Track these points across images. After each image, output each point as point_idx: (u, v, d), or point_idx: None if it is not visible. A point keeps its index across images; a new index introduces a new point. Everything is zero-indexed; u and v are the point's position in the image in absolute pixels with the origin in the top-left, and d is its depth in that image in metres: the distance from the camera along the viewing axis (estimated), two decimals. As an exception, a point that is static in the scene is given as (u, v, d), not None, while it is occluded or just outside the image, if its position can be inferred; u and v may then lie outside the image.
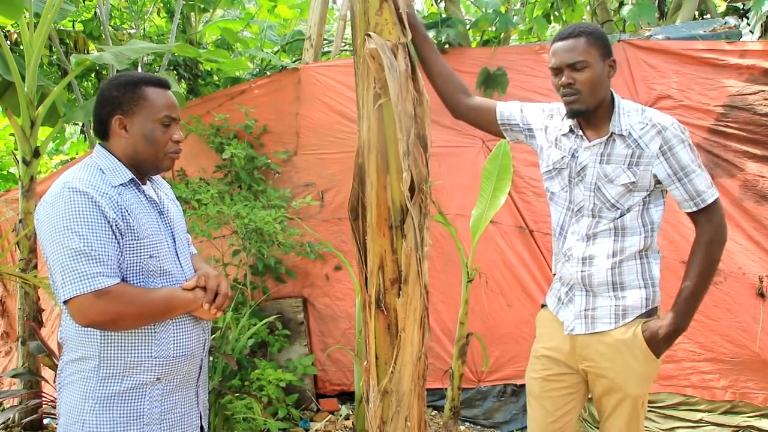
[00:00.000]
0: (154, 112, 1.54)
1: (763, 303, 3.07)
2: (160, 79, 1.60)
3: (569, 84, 1.76)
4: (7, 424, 3.47)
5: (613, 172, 1.79)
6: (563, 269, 1.93)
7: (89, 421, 1.44)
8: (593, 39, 1.76)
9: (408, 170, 1.64)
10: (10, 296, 4.37)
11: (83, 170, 1.49)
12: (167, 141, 1.56)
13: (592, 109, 1.78)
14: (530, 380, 2.04)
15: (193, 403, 1.62)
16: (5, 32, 4.90)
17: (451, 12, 4.28)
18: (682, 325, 1.79)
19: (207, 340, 1.66)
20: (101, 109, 1.55)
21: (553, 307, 1.99)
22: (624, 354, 1.81)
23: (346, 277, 3.77)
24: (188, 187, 3.65)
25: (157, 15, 6.31)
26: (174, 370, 1.53)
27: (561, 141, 1.91)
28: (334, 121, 3.79)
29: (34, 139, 3.51)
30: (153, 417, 1.49)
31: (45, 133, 4.94)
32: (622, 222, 1.81)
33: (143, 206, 1.54)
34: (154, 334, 1.49)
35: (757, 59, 3.10)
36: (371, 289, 1.74)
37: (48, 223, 1.41)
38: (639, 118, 1.79)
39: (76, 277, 1.36)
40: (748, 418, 3.05)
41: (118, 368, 1.46)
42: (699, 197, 1.76)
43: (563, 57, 1.77)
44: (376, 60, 1.65)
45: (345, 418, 3.63)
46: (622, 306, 1.82)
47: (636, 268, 1.83)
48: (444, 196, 3.50)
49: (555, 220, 1.97)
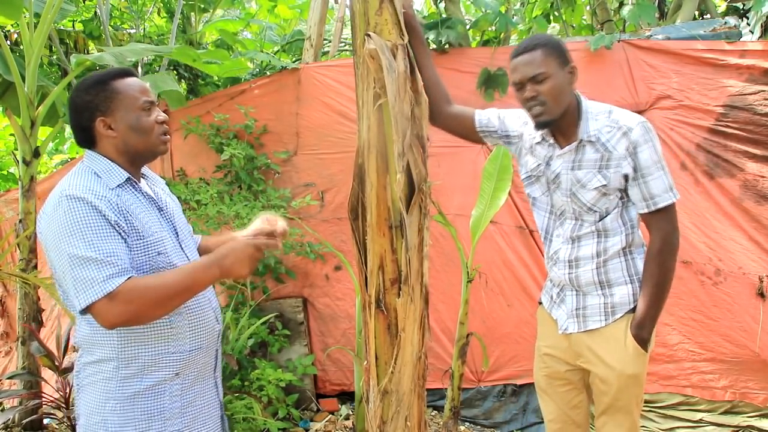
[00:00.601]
0: (132, 102, 1.52)
1: (763, 303, 3.07)
2: (124, 69, 1.59)
3: (533, 97, 1.79)
4: (7, 424, 3.47)
5: (584, 177, 1.83)
6: (552, 271, 1.98)
7: (111, 420, 1.44)
8: (549, 49, 1.79)
9: (402, 171, 1.64)
10: (10, 296, 4.37)
11: (78, 176, 1.47)
12: (153, 124, 1.55)
13: (558, 118, 1.82)
14: (537, 377, 2.10)
15: (212, 394, 1.63)
16: (5, 32, 4.90)
17: (451, 12, 4.27)
18: (645, 336, 1.82)
19: (220, 330, 1.67)
20: (79, 117, 1.53)
21: (547, 305, 2.04)
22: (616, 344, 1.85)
23: (346, 277, 3.77)
24: (188, 187, 3.65)
25: (157, 15, 6.31)
26: (191, 363, 1.54)
27: (535, 149, 1.96)
28: (334, 121, 3.79)
29: (34, 139, 3.51)
30: (174, 412, 1.50)
31: (45, 133, 4.94)
32: (604, 224, 1.85)
33: (143, 205, 1.53)
34: (170, 330, 1.49)
35: (757, 59, 3.10)
36: (371, 289, 1.74)
37: (51, 234, 1.40)
38: (606, 122, 1.82)
39: (87, 284, 1.34)
40: (748, 418, 3.05)
41: (138, 368, 1.46)
42: (651, 199, 1.79)
43: (523, 71, 1.80)
44: (375, 60, 1.65)
45: (345, 418, 3.63)
46: (610, 303, 1.86)
47: (621, 265, 1.87)
48: (444, 196, 3.50)
49: (540, 224, 2.01)
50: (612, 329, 1.85)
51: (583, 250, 1.87)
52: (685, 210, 3.20)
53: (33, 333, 3.35)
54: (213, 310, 1.64)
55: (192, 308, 1.55)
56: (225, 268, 1.48)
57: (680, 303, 3.18)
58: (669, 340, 3.19)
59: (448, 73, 3.64)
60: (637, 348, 1.81)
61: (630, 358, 1.82)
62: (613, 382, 1.84)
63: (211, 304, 1.64)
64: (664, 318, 3.19)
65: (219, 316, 1.67)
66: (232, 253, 1.50)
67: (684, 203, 3.21)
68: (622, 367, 1.82)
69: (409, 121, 1.67)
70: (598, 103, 1.89)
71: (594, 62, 3.40)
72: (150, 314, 1.41)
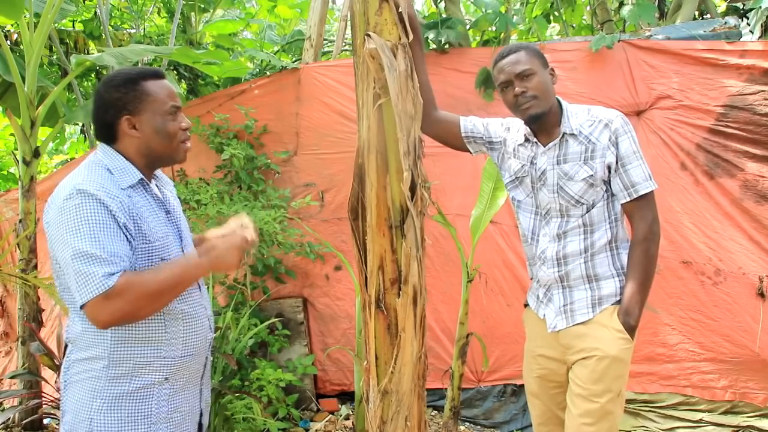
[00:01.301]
0: (160, 106, 1.52)
1: (763, 303, 3.07)
2: (155, 70, 1.59)
3: (522, 93, 1.86)
4: (7, 424, 3.47)
5: (571, 170, 1.88)
6: (540, 272, 1.99)
7: (97, 419, 1.44)
8: (531, 51, 1.91)
9: (409, 170, 1.64)
10: (10, 296, 4.37)
11: (91, 171, 1.46)
12: (178, 130, 1.55)
13: (547, 111, 1.88)
14: (528, 379, 2.09)
15: (195, 401, 1.63)
16: (5, 32, 4.90)
17: (451, 12, 4.28)
18: (632, 323, 1.83)
19: (211, 339, 1.66)
20: (104, 113, 1.52)
21: (533, 305, 2.06)
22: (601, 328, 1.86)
23: (346, 277, 3.77)
24: (187, 187, 3.65)
25: (157, 15, 6.31)
26: (182, 369, 1.54)
27: (519, 151, 2.01)
28: (334, 121, 3.79)
29: (34, 139, 3.51)
30: (160, 416, 1.49)
31: (45, 133, 4.94)
32: (590, 217, 1.89)
33: (152, 208, 1.53)
34: (165, 334, 1.49)
35: (757, 59, 3.10)
36: (371, 289, 1.74)
37: (59, 225, 1.39)
38: (586, 117, 1.91)
39: (87, 280, 1.34)
40: (748, 418, 3.05)
41: (128, 368, 1.46)
42: (633, 188, 1.84)
43: (510, 69, 1.88)
44: (375, 60, 1.65)
45: (345, 418, 3.63)
46: (597, 296, 1.90)
47: (607, 259, 1.90)
48: (444, 196, 3.50)
49: (525, 227, 2.03)
50: (597, 317, 1.88)
51: (570, 246, 1.90)
52: (685, 210, 3.20)
53: (33, 332, 3.35)
54: (207, 318, 1.63)
55: (188, 314, 1.55)
56: (213, 261, 1.50)
57: (680, 303, 3.18)
58: (669, 340, 3.19)
59: (448, 73, 3.64)
60: (622, 332, 1.82)
61: (614, 340, 1.83)
62: (596, 367, 1.82)
63: (206, 312, 1.63)
64: (664, 318, 3.19)
65: (212, 324, 1.67)
66: (220, 244, 1.52)
67: (684, 203, 3.22)
68: (606, 348, 1.82)
69: (412, 119, 1.68)
70: (575, 105, 1.97)
71: (594, 62, 3.40)
72: (142, 310, 1.41)
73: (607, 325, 1.85)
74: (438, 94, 2.11)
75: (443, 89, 3.44)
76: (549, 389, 2.03)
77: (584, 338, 1.87)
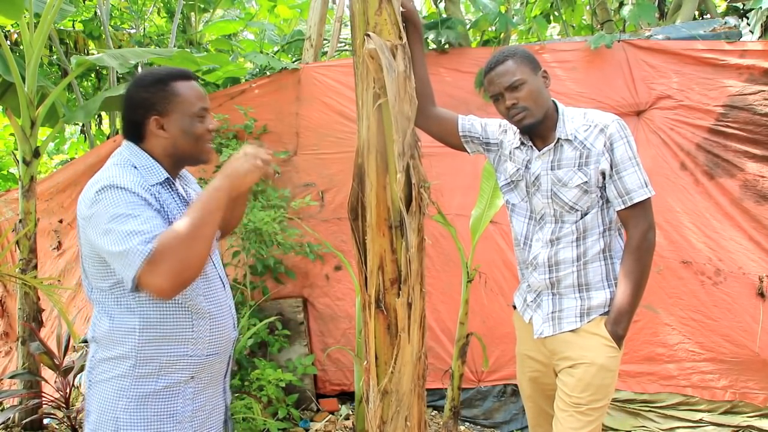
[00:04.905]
0: (189, 107, 1.52)
1: (763, 303, 3.07)
2: (185, 71, 1.58)
3: (513, 104, 1.82)
4: (7, 424, 3.47)
5: (565, 176, 1.85)
6: (531, 276, 1.96)
7: (123, 419, 1.44)
8: (519, 58, 1.85)
9: (402, 171, 1.64)
10: (10, 296, 4.38)
11: (120, 168, 1.46)
12: (205, 132, 1.55)
13: (541, 119, 1.84)
14: (522, 380, 2.10)
15: (220, 399, 1.64)
16: (5, 32, 4.91)
17: (451, 12, 4.28)
18: (620, 333, 1.82)
19: (235, 337, 1.67)
20: (133, 112, 1.52)
21: (519, 308, 2.04)
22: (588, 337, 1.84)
23: (346, 277, 3.77)
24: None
25: (157, 15, 6.31)
26: (207, 367, 1.54)
27: (514, 154, 1.98)
28: (334, 121, 3.79)
29: (34, 139, 3.52)
30: (185, 415, 1.50)
31: (45, 133, 4.95)
32: (584, 223, 1.85)
33: (178, 206, 1.54)
34: (191, 333, 1.49)
35: (757, 59, 3.10)
36: (371, 289, 1.74)
37: (93, 218, 1.38)
38: (582, 121, 1.86)
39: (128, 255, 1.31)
40: (748, 418, 3.05)
41: (154, 368, 1.45)
42: (627, 195, 1.80)
43: (500, 81, 1.84)
44: (375, 60, 1.65)
45: (345, 418, 3.63)
46: (587, 306, 1.86)
47: (601, 269, 1.87)
48: (444, 196, 3.50)
49: (518, 231, 2.01)
50: (585, 326, 1.85)
51: (562, 252, 1.87)
52: (685, 210, 3.20)
53: (33, 332, 3.35)
54: (232, 317, 1.64)
55: (214, 313, 1.55)
56: (229, 175, 1.45)
57: (680, 303, 3.18)
58: (669, 340, 3.19)
59: (448, 73, 3.64)
60: (610, 341, 1.81)
61: (601, 348, 1.81)
62: (583, 376, 1.81)
63: (230, 311, 1.64)
64: (664, 318, 3.19)
65: (236, 323, 1.68)
66: (231, 162, 1.49)
67: (684, 203, 3.22)
68: (593, 356, 1.81)
69: (409, 120, 1.68)
70: (572, 108, 1.93)
71: (594, 62, 3.40)
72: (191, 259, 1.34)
73: (595, 334, 1.83)
74: (438, 94, 2.11)
75: (443, 89, 3.43)
76: (541, 391, 2.03)
77: (571, 346, 1.86)
